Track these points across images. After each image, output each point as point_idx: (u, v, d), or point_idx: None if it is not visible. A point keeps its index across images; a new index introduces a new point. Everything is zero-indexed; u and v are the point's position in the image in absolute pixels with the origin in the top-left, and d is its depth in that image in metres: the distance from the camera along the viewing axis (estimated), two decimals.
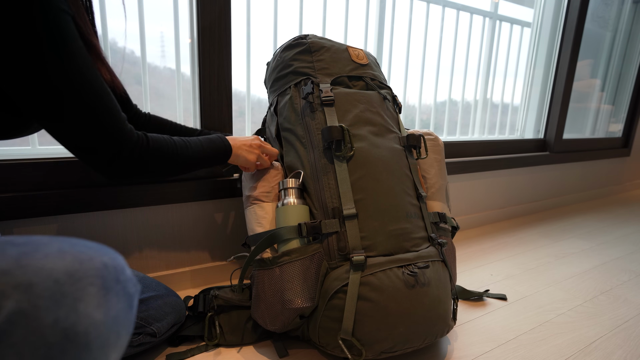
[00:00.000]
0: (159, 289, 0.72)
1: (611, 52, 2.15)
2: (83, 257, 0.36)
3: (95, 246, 0.38)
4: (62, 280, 0.33)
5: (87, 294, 0.34)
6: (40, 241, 0.36)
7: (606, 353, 0.79)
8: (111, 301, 0.36)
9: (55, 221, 0.81)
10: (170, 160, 0.62)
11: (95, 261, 0.36)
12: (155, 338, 0.70)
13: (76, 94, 0.49)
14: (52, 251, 0.35)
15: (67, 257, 0.35)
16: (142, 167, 0.58)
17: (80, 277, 0.34)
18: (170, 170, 0.63)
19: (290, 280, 0.70)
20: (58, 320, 0.32)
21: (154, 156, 0.59)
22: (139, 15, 0.90)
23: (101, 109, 0.51)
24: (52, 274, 0.33)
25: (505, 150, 1.73)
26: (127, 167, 0.56)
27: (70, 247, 0.36)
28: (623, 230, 1.64)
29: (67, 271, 0.34)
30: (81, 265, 0.35)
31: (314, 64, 0.84)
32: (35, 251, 0.34)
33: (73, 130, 0.51)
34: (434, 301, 0.69)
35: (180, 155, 0.63)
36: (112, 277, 0.36)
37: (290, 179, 0.77)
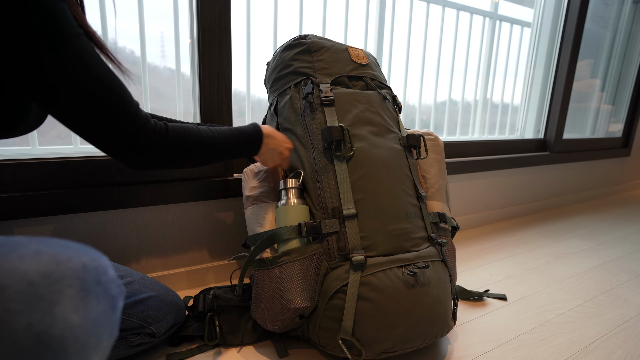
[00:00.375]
0: (158, 288, 0.72)
1: (611, 52, 2.15)
2: (61, 257, 0.34)
3: (75, 246, 0.37)
4: (37, 282, 0.32)
5: (64, 296, 0.33)
6: (18, 242, 0.35)
7: (606, 353, 0.79)
8: (90, 304, 0.34)
9: (55, 221, 0.81)
10: (192, 149, 0.60)
11: (74, 262, 0.35)
12: (154, 338, 0.70)
13: (78, 81, 0.48)
14: (28, 252, 0.34)
15: (43, 258, 0.34)
16: (164, 156, 0.57)
17: (56, 278, 0.33)
18: (193, 160, 0.62)
19: (290, 280, 0.70)
20: (31, 324, 0.31)
21: (175, 145, 0.58)
22: (139, 15, 0.90)
23: (108, 95, 0.50)
24: (26, 275, 0.32)
25: (505, 150, 1.73)
26: (147, 156, 0.55)
27: (48, 247, 0.35)
28: (623, 230, 1.63)
29: (42, 273, 0.33)
30: (58, 267, 0.34)
31: (314, 64, 0.84)
32: (10, 252, 0.33)
33: (82, 119, 0.50)
34: (434, 301, 0.69)
35: (203, 144, 0.62)
36: (92, 279, 0.35)
37: (291, 179, 0.77)
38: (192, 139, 0.60)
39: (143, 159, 0.55)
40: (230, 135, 0.67)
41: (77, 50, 0.47)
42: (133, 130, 0.53)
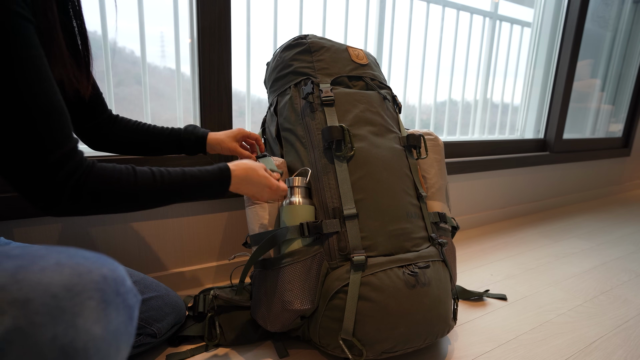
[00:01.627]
0: (159, 289, 0.72)
1: (611, 52, 2.15)
2: (81, 269, 0.34)
3: (94, 257, 0.37)
4: (60, 295, 0.32)
5: (86, 308, 0.33)
6: (37, 253, 0.35)
7: (606, 353, 0.79)
8: (111, 315, 0.34)
9: (55, 221, 0.81)
10: (120, 198, 0.51)
11: (94, 274, 0.35)
12: (155, 339, 0.70)
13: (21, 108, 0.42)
14: (49, 264, 0.34)
15: (65, 270, 0.34)
16: (80, 206, 0.48)
17: (78, 291, 0.33)
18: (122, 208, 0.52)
19: (291, 282, 0.70)
20: (56, 337, 0.31)
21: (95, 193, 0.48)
22: (139, 15, 0.90)
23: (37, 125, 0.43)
24: (50, 288, 0.32)
25: (505, 150, 1.73)
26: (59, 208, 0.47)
27: (68, 259, 0.35)
28: (623, 230, 1.64)
29: (65, 285, 0.33)
30: (80, 279, 0.34)
31: (313, 64, 0.84)
32: (31, 264, 0.33)
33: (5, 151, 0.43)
34: (434, 301, 0.69)
35: (138, 192, 0.52)
36: (111, 290, 0.35)
37: (296, 178, 0.76)
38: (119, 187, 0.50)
39: (57, 209, 0.47)
40: (181, 181, 0.56)
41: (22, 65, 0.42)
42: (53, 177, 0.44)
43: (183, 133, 0.79)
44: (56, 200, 0.46)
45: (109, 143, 0.73)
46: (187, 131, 0.79)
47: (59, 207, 0.47)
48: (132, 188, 0.51)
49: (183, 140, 0.78)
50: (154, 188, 0.54)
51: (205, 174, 0.60)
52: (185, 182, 0.57)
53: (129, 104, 0.93)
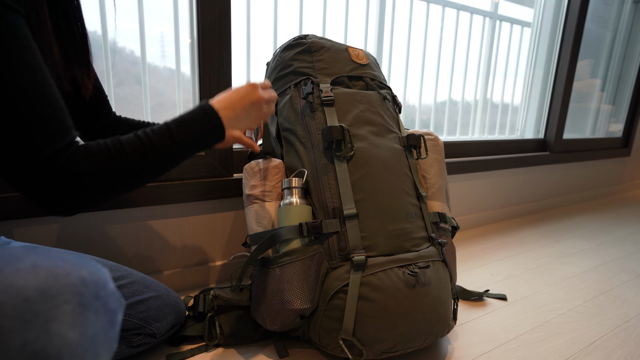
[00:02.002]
0: (158, 289, 0.72)
1: (611, 52, 2.15)
2: (59, 272, 0.33)
3: (75, 259, 0.36)
4: (33, 298, 0.30)
5: (61, 312, 0.31)
6: (15, 254, 0.34)
7: (606, 353, 0.79)
8: (89, 319, 0.33)
9: (55, 221, 0.81)
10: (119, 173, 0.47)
11: (72, 276, 0.33)
12: (155, 338, 0.70)
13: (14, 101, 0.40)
14: (24, 266, 0.32)
15: (40, 272, 0.32)
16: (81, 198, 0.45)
17: (53, 294, 0.31)
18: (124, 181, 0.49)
19: (290, 281, 0.70)
20: (27, 343, 0.29)
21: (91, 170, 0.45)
22: (139, 15, 0.90)
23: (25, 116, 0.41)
24: (23, 291, 0.30)
25: (505, 150, 1.73)
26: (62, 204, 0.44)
27: (46, 261, 0.33)
28: (623, 230, 1.63)
29: (39, 288, 0.31)
30: (55, 281, 0.32)
31: (313, 64, 0.84)
32: (6, 266, 0.32)
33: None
34: (434, 301, 0.69)
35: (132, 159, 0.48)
36: (90, 293, 0.34)
37: (294, 178, 0.76)
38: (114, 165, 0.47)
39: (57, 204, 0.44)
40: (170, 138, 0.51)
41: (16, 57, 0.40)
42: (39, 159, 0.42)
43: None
44: (56, 197, 0.43)
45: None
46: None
47: (62, 205, 0.44)
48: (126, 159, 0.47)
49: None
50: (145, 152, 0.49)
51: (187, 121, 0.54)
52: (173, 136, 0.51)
53: (129, 104, 0.93)
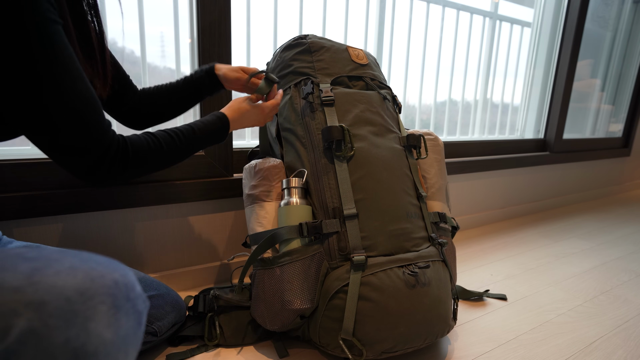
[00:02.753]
0: (159, 288, 0.72)
1: (611, 52, 2.15)
2: (94, 274, 0.35)
3: (106, 262, 0.38)
4: (74, 298, 0.32)
5: (98, 312, 0.33)
6: (51, 256, 0.35)
7: (606, 353, 0.79)
8: (121, 320, 0.35)
9: (55, 221, 0.81)
10: (155, 161, 0.61)
11: (107, 278, 0.35)
12: (156, 337, 0.70)
13: (62, 106, 0.48)
14: (63, 268, 0.34)
15: (78, 274, 0.34)
16: (126, 175, 0.57)
17: (91, 295, 0.33)
18: (158, 168, 0.62)
19: (290, 281, 0.70)
20: (69, 340, 0.31)
21: (137, 160, 0.58)
22: (139, 15, 0.90)
23: (85, 118, 0.51)
24: (64, 291, 0.32)
25: (505, 150, 1.73)
26: (108, 178, 0.56)
27: (82, 263, 0.35)
28: (623, 230, 1.64)
29: (78, 289, 0.33)
30: (92, 283, 0.34)
31: (313, 64, 0.84)
32: (46, 267, 0.33)
33: (56, 139, 0.49)
34: (434, 301, 0.69)
35: (165, 158, 0.62)
36: (122, 295, 0.36)
37: (294, 178, 0.76)
38: (153, 155, 0.60)
39: (105, 180, 0.56)
40: (193, 136, 0.66)
41: (63, 65, 0.47)
42: (98, 153, 0.52)
43: (193, 74, 0.80)
44: (104, 174, 0.55)
45: (144, 119, 0.77)
46: (194, 71, 0.80)
47: (107, 178, 0.56)
48: (161, 152, 0.61)
49: (197, 80, 0.79)
50: (175, 147, 0.63)
51: (208, 125, 0.69)
52: (196, 135, 0.66)
53: None
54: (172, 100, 0.79)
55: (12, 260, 0.34)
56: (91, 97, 0.51)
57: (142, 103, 0.78)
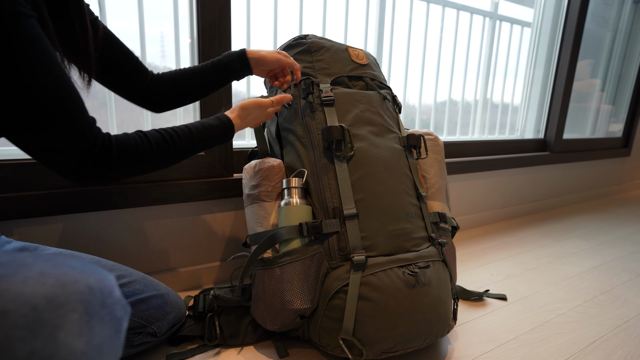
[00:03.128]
0: (159, 288, 0.72)
1: (611, 52, 2.15)
2: (66, 279, 0.33)
3: (82, 266, 0.36)
4: (41, 306, 0.30)
5: (68, 321, 0.31)
6: (23, 261, 0.33)
7: (606, 353, 0.79)
8: (95, 328, 0.33)
9: (55, 221, 0.81)
10: (145, 160, 0.58)
11: (80, 284, 0.33)
12: (155, 337, 0.70)
13: (41, 102, 0.46)
14: (33, 274, 0.32)
15: (48, 280, 0.32)
16: (111, 175, 0.55)
17: (61, 302, 0.31)
18: (148, 168, 0.59)
19: (290, 281, 0.70)
20: (34, 352, 0.29)
21: (123, 160, 0.55)
22: (139, 15, 0.90)
23: (67, 114, 0.49)
24: (31, 299, 0.30)
25: (505, 150, 1.73)
26: (92, 178, 0.54)
27: (54, 268, 0.33)
28: (623, 230, 1.64)
29: (47, 296, 0.31)
30: (63, 290, 0.32)
31: (313, 64, 0.84)
32: (14, 274, 0.31)
33: (36, 137, 0.48)
34: (434, 301, 0.69)
35: (157, 153, 0.59)
36: (97, 302, 0.34)
37: (294, 178, 0.76)
38: (141, 157, 0.57)
39: (87, 178, 0.53)
40: (190, 137, 0.63)
41: (40, 61, 0.46)
42: (81, 149, 0.51)
43: (221, 58, 0.78)
44: (89, 173, 0.53)
45: (164, 101, 0.76)
46: (223, 55, 0.78)
47: (91, 177, 0.53)
48: (150, 153, 0.58)
49: (227, 64, 0.77)
50: (168, 148, 0.60)
51: (209, 127, 0.66)
52: (194, 138, 0.64)
53: (129, 104, 0.93)
54: (199, 83, 0.77)
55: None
56: (72, 92, 0.49)
57: (163, 86, 0.75)
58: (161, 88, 0.75)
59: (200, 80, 0.76)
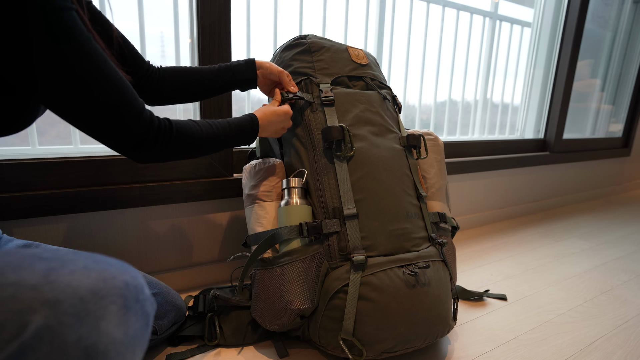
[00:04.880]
0: (159, 287, 0.72)
1: (611, 52, 2.15)
2: (106, 275, 0.36)
3: (118, 264, 0.39)
4: (87, 298, 0.34)
5: (109, 312, 0.34)
6: (66, 257, 0.37)
7: (606, 353, 0.79)
8: (130, 320, 0.36)
9: (55, 221, 0.81)
10: (195, 145, 0.63)
11: (118, 280, 0.36)
12: (156, 335, 0.70)
13: (89, 82, 0.49)
14: (78, 268, 0.35)
15: (92, 274, 0.35)
16: (168, 153, 0.60)
17: (103, 295, 0.35)
18: (195, 153, 0.64)
19: (290, 281, 0.70)
20: (81, 338, 0.32)
21: (179, 142, 0.60)
22: (139, 15, 0.90)
23: (117, 95, 0.51)
24: (78, 291, 0.33)
25: (505, 150, 1.73)
26: (152, 152, 0.58)
27: (95, 264, 0.37)
28: (623, 230, 1.64)
29: (91, 289, 0.34)
30: (105, 284, 0.35)
31: (313, 64, 0.84)
32: (62, 267, 0.35)
33: (92, 117, 0.51)
34: (434, 301, 0.69)
35: (205, 139, 0.64)
36: (132, 296, 0.37)
37: (294, 178, 0.76)
38: (194, 136, 0.62)
39: (148, 155, 0.58)
40: (229, 130, 0.68)
41: (87, 53, 0.48)
42: (140, 129, 0.54)
43: (231, 64, 0.78)
44: (148, 151, 0.57)
45: (161, 95, 0.76)
46: (234, 62, 0.79)
47: (151, 155, 0.58)
48: (201, 137, 0.63)
49: (234, 69, 0.77)
50: (214, 136, 0.65)
51: (242, 121, 0.70)
52: (231, 130, 0.68)
53: None
54: (202, 84, 0.77)
55: (30, 260, 0.35)
56: (120, 80, 0.52)
57: (165, 81, 0.75)
58: (162, 83, 0.75)
59: (204, 81, 0.77)
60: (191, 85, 0.76)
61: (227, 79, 0.77)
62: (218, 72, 0.77)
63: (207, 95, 0.78)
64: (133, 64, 0.71)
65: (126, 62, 0.70)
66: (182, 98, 0.77)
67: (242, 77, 0.78)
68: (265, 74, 0.79)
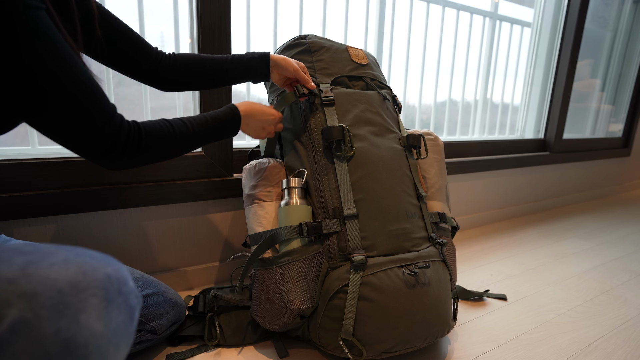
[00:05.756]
0: (158, 286, 0.72)
1: (611, 52, 2.15)
2: (87, 267, 0.36)
3: (100, 256, 0.38)
4: (66, 290, 0.33)
5: (89, 305, 0.34)
6: (46, 250, 0.36)
7: (606, 353, 0.79)
8: (112, 313, 0.35)
9: (54, 221, 0.81)
10: (167, 147, 0.60)
11: (99, 272, 0.36)
12: (155, 335, 0.70)
13: (58, 90, 0.47)
14: (57, 261, 0.35)
15: (71, 267, 0.35)
16: (140, 158, 0.57)
17: (83, 287, 0.34)
18: (170, 155, 0.62)
19: (290, 281, 0.70)
20: (59, 331, 0.32)
21: (149, 146, 0.58)
22: (139, 15, 0.90)
23: (87, 102, 0.49)
24: (56, 284, 0.33)
25: (505, 150, 1.73)
26: (122, 159, 0.55)
27: (75, 257, 0.36)
28: (623, 230, 1.64)
29: (70, 281, 0.34)
30: (85, 276, 0.35)
31: (313, 64, 0.84)
32: (41, 260, 0.34)
33: (59, 125, 0.49)
34: (434, 301, 0.69)
35: (179, 139, 0.62)
36: (114, 289, 0.36)
37: (294, 178, 0.76)
38: (165, 138, 0.60)
39: (118, 161, 0.55)
40: (205, 124, 0.66)
41: (58, 55, 0.46)
42: (110, 132, 0.52)
43: (243, 55, 0.77)
44: (117, 158, 0.54)
45: (175, 81, 0.74)
46: (248, 54, 0.77)
47: (120, 163, 0.55)
48: (173, 138, 0.61)
49: (248, 61, 0.76)
50: (189, 134, 0.63)
51: (221, 114, 0.68)
52: (209, 125, 0.66)
53: (129, 104, 0.93)
54: (216, 73, 0.76)
55: (9, 254, 0.35)
56: (89, 81, 0.50)
57: (177, 68, 0.74)
58: (174, 70, 0.74)
59: (215, 70, 0.76)
60: (204, 73, 0.76)
61: (239, 71, 0.76)
62: (231, 63, 0.76)
63: (221, 84, 0.78)
64: (138, 52, 0.70)
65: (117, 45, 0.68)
66: (196, 85, 0.76)
67: (255, 73, 0.77)
68: (280, 72, 0.78)
